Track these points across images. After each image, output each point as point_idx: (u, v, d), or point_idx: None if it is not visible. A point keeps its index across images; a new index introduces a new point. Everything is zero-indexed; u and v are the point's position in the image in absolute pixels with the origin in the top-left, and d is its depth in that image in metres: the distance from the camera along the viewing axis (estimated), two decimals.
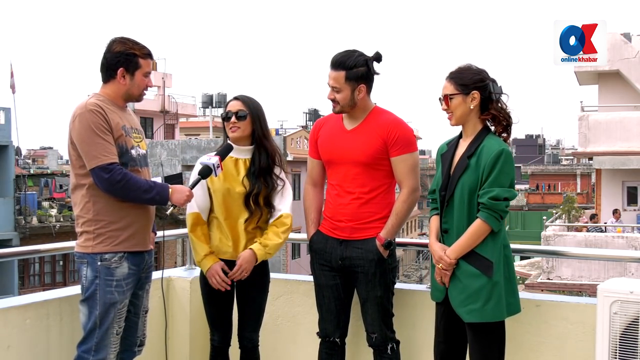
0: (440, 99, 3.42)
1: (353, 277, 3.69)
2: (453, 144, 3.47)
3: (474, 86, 3.34)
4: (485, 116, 3.38)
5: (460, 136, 3.47)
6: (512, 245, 3.48)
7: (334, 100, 3.65)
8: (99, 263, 3.33)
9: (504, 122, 3.38)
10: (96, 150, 3.26)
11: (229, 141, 3.81)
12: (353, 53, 3.61)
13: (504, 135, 3.40)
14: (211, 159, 3.60)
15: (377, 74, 3.66)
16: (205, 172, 3.59)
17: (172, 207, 3.49)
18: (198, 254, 3.76)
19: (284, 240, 3.78)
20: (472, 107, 3.35)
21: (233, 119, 3.78)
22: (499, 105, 3.37)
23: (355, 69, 3.58)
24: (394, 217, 3.64)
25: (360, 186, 3.65)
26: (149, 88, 3.56)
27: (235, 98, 3.84)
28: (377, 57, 3.63)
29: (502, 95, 3.39)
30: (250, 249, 3.71)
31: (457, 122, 3.41)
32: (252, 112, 3.80)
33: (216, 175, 3.63)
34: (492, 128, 3.41)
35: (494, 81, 3.38)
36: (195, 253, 3.79)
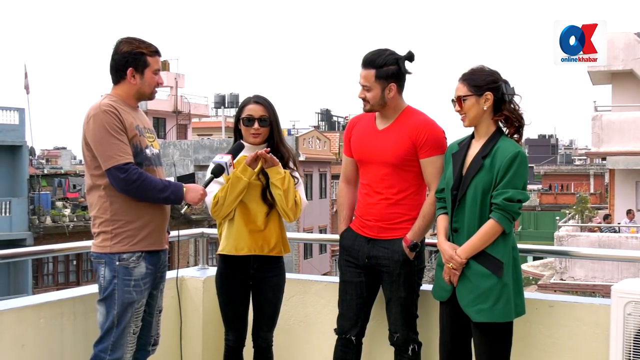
0: (453, 100, 3.41)
1: (379, 276, 3.69)
2: (465, 144, 3.45)
3: (487, 87, 3.33)
4: (498, 117, 3.37)
5: (472, 136, 3.46)
6: (522, 246, 3.49)
7: (364, 99, 3.63)
8: (117, 263, 3.34)
9: (516, 123, 3.37)
10: (111, 151, 3.28)
11: (241, 141, 3.80)
12: (384, 52, 3.59)
13: (516, 136, 3.39)
14: (223, 157, 3.60)
15: (409, 73, 3.62)
16: (218, 171, 3.59)
17: (186, 206, 3.51)
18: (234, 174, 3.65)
19: (293, 196, 3.68)
20: (485, 108, 3.34)
21: (256, 125, 3.74)
22: (512, 106, 3.36)
23: (385, 68, 3.55)
24: (420, 219, 3.61)
25: (389, 187, 3.63)
26: (160, 86, 3.57)
27: (256, 102, 3.78)
28: (410, 57, 3.60)
29: (515, 96, 3.38)
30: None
31: (471, 123, 3.40)
32: (273, 118, 3.78)
33: (228, 174, 3.63)
34: (505, 129, 3.40)
35: (506, 82, 3.37)
36: (229, 188, 3.65)
